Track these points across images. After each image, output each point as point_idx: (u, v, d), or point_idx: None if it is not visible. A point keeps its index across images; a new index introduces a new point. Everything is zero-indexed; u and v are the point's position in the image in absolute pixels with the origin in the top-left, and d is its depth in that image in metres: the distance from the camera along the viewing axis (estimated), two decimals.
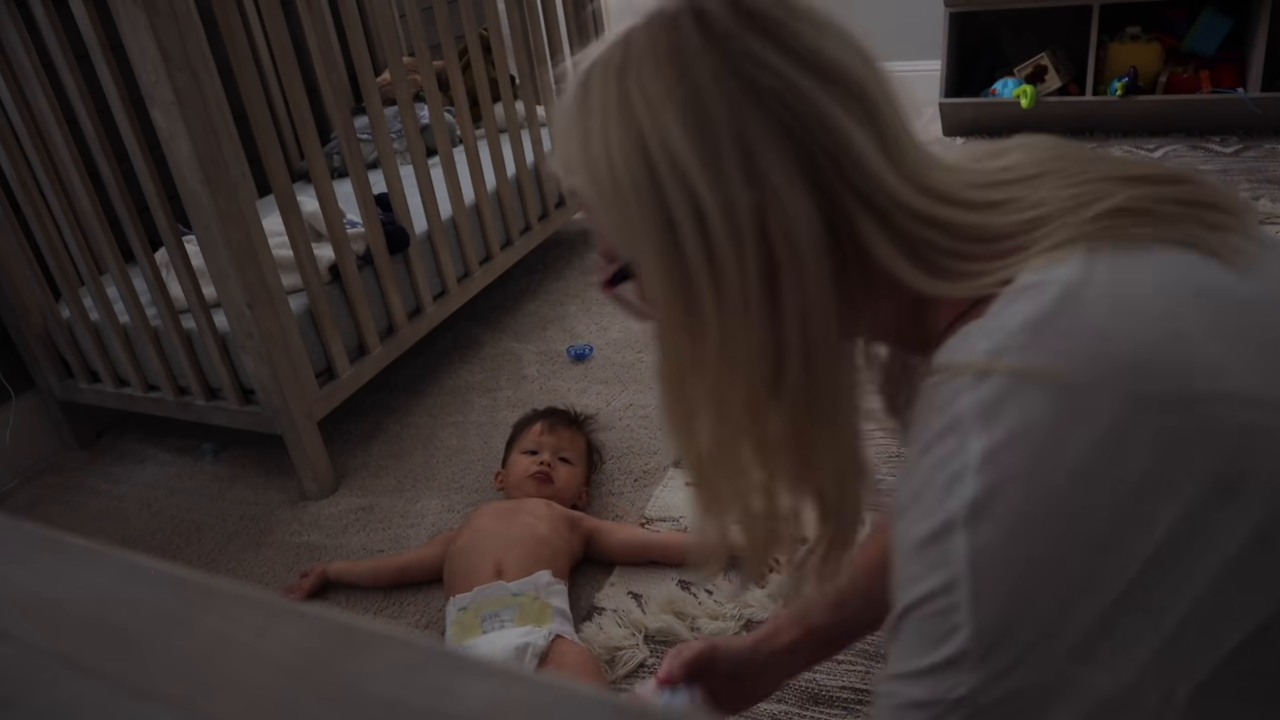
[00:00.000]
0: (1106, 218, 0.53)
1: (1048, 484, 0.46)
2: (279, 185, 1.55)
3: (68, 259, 1.80)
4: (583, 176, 0.59)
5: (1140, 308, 0.49)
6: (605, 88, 0.57)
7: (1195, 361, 0.47)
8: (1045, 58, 2.68)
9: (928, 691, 0.49)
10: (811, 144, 0.55)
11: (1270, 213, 2.13)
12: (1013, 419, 0.47)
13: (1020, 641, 0.47)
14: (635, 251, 0.59)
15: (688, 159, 0.54)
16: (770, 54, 0.55)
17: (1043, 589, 0.46)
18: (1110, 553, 0.46)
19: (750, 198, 0.55)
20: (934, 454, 0.50)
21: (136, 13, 1.29)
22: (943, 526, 0.48)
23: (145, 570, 0.31)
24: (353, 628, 0.28)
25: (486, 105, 2.10)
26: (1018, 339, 0.49)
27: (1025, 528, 0.46)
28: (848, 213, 0.56)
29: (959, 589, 0.47)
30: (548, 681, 0.25)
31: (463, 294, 2.04)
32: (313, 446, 1.65)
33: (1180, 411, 0.46)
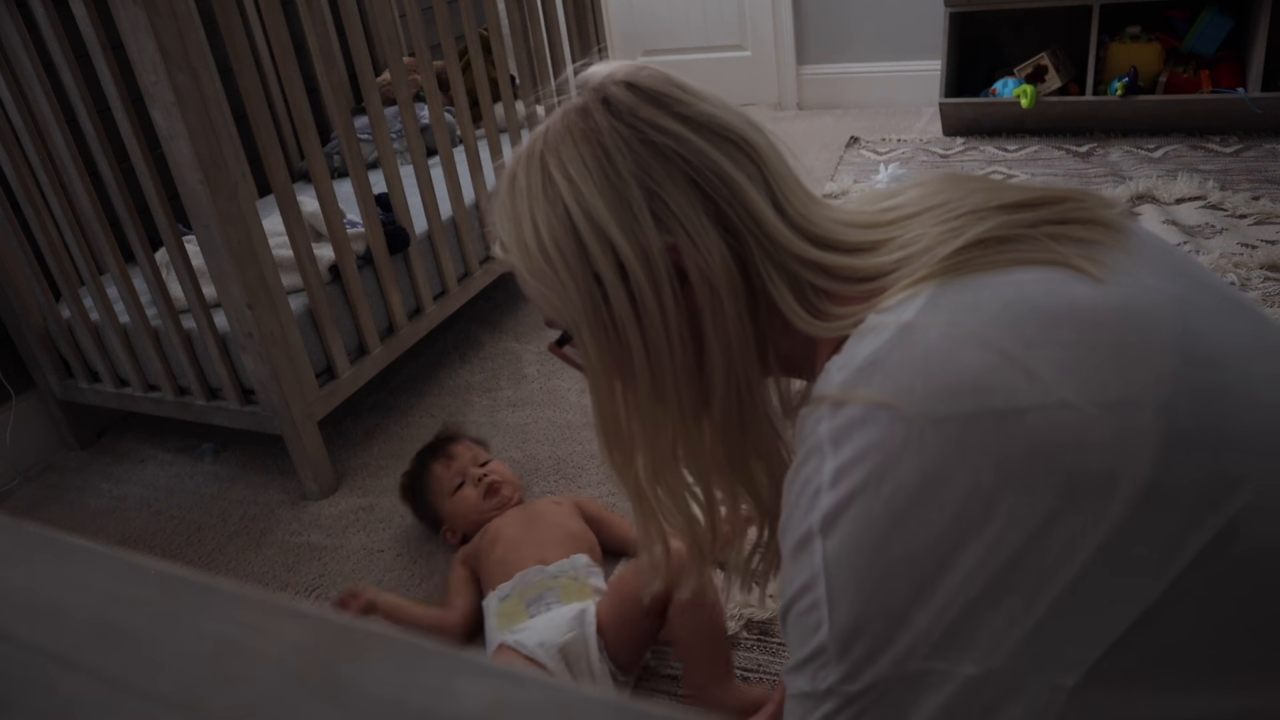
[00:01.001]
0: (966, 250, 0.59)
1: (887, 500, 0.51)
2: (279, 185, 1.55)
3: (68, 259, 1.80)
4: (516, 254, 0.68)
5: (970, 337, 0.54)
6: (530, 172, 0.66)
7: (1019, 379, 0.51)
8: (1045, 57, 2.68)
9: (806, 682, 0.56)
10: (714, 192, 0.63)
11: (1271, 212, 2.13)
12: (857, 443, 0.53)
13: (872, 636, 0.52)
14: (568, 312, 0.67)
15: (604, 217, 0.63)
16: (668, 121, 0.64)
17: (889, 590, 0.52)
18: (950, 559, 0.50)
19: (664, 242, 0.63)
20: (800, 474, 0.57)
21: (136, 12, 1.29)
22: (805, 535, 0.55)
23: (145, 570, 0.31)
24: (353, 628, 0.28)
25: (486, 105, 2.10)
26: (862, 372, 0.55)
27: (869, 537, 0.52)
28: (751, 254, 0.64)
29: (818, 589, 0.54)
30: (548, 682, 0.25)
31: (463, 294, 2.04)
32: (313, 446, 1.65)
33: (1005, 426, 0.51)
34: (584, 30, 2.45)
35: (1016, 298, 0.55)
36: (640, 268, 0.63)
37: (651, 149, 0.63)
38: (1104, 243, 0.60)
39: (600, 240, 0.63)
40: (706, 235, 0.63)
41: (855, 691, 0.53)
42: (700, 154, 0.63)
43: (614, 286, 0.64)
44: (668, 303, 0.64)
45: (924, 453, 0.51)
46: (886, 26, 3.25)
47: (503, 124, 2.39)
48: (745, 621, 1.24)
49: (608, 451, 0.72)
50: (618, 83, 0.66)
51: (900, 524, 0.51)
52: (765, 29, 3.42)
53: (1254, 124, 2.54)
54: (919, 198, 0.67)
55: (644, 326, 0.65)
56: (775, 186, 0.65)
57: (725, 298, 0.64)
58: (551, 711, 0.24)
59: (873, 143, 2.95)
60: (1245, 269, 1.91)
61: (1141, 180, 2.36)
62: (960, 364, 0.53)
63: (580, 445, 1.72)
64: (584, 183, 0.63)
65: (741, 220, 0.63)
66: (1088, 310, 0.54)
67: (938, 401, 0.52)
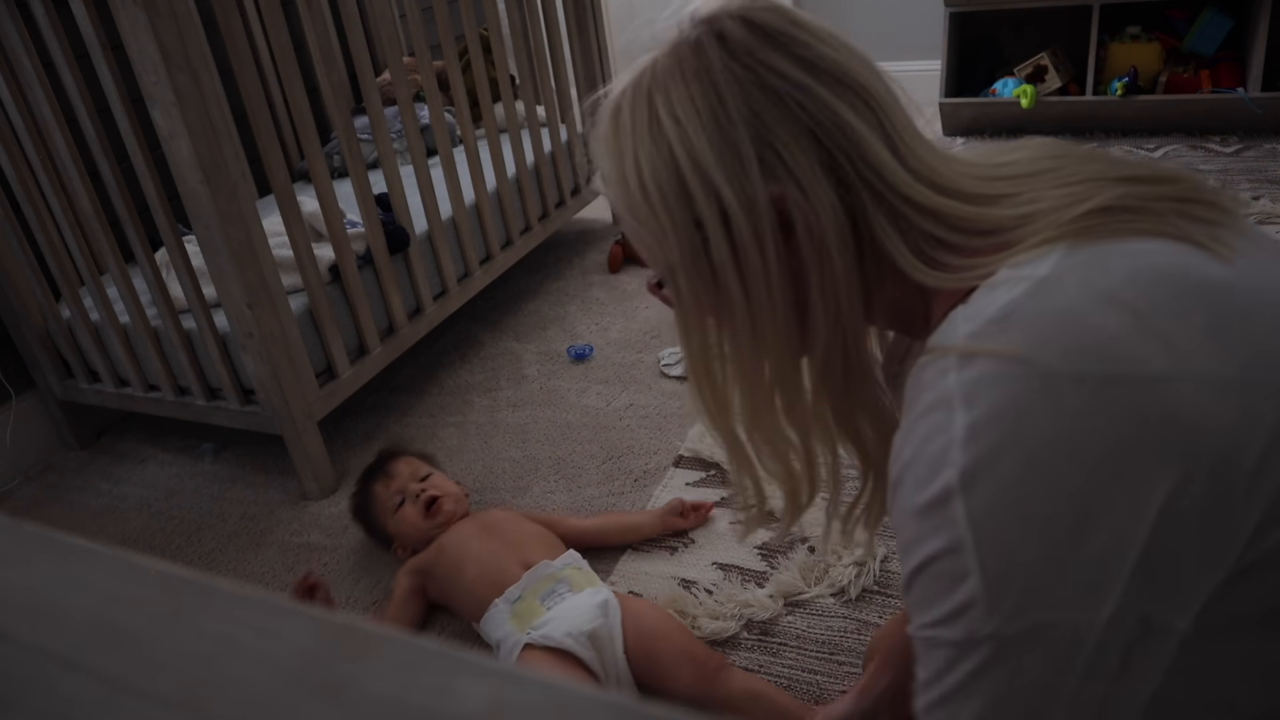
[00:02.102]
0: (1094, 215, 0.58)
1: (1027, 457, 0.51)
2: (279, 185, 1.55)
3: (68, 259, 1.80)
4: (616, 190, 0.66)
5: (1107, 297, 0.53)
6: (635, 109, 0.64)
7: (1155, 345, 0.51)
8: (1045, 57, 2.68)
9: (952, 631, 0.54)
10: (830, 143, 0.61)
11: (1270, 212, 2.13)
12: (991, 398, 0.52)
13: (1021, 587, 0.52)
14: (666, 255, 0.65)
15: (710, 164, 0.61)
16: (787, 64, 0.61)
17: (1034, 543, 0.51)
18: (1089, 514, 0.51)
19: (771, 192, 0.61)
20: (922, 428, 0.55)
21: (136, 12, 1.29)
22: (942, 494, 0.53)
23: (145, 570, 0.31)
24: (353, 628, 0.28)
25: (486, 105, 2.10)
26: (994, 325, 0.54)
27: (1011, 494, 0.51)
28: (864, 206, 0.62)
29: (963, 545, 0.52)
30: (547, 681, 0.25)
31: (463, 294, 2.04)
32: (313, 446, 1.65)
33: (1140, 391, 0.51)
34: (584, 30, 2.45)
35: (1149, 265, 0.55)
36: (744, 217, 0.62)
37: (767, 93, 0.61)
38: (1224, 224, 0.59)
39: (705, 186, 0.62)
40: (818, 187, 0.61)
41: (1011, 634, 0.52)
42: (819, 102, 0.61)
43: (716, 234, 0.62)
44: (770, 254, 0.62)
45: (1060, 410, 0.51)
46: (886, 26, 3.25)
47: (503, 124, 2.39)
48: (745, 622, 1.24)
49: (700, 396, 0.70)
50: (734, 17, 0.63)
51: (1041, 480, 0.51)
52: None
53: (1254, 124, 2.54)
54: (1033, 158, 0.66)
55: (745, 276, 0.63)
56: (895, 134, 0.63)
57: (834, 250, 0.62)
58: (551, 711, 0.24)
59: None
60: None
61: None
62: (1097, 324, 0.52)
63: (580, 445, 1.72)
64: (692, 125, 0.62)
65: (858, 170, 0.61)
66: (1218, 287, 0.54)
67: (1075, 360, 0.51)
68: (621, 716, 0.24)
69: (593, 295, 2.30)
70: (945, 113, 2.85)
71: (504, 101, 2.15)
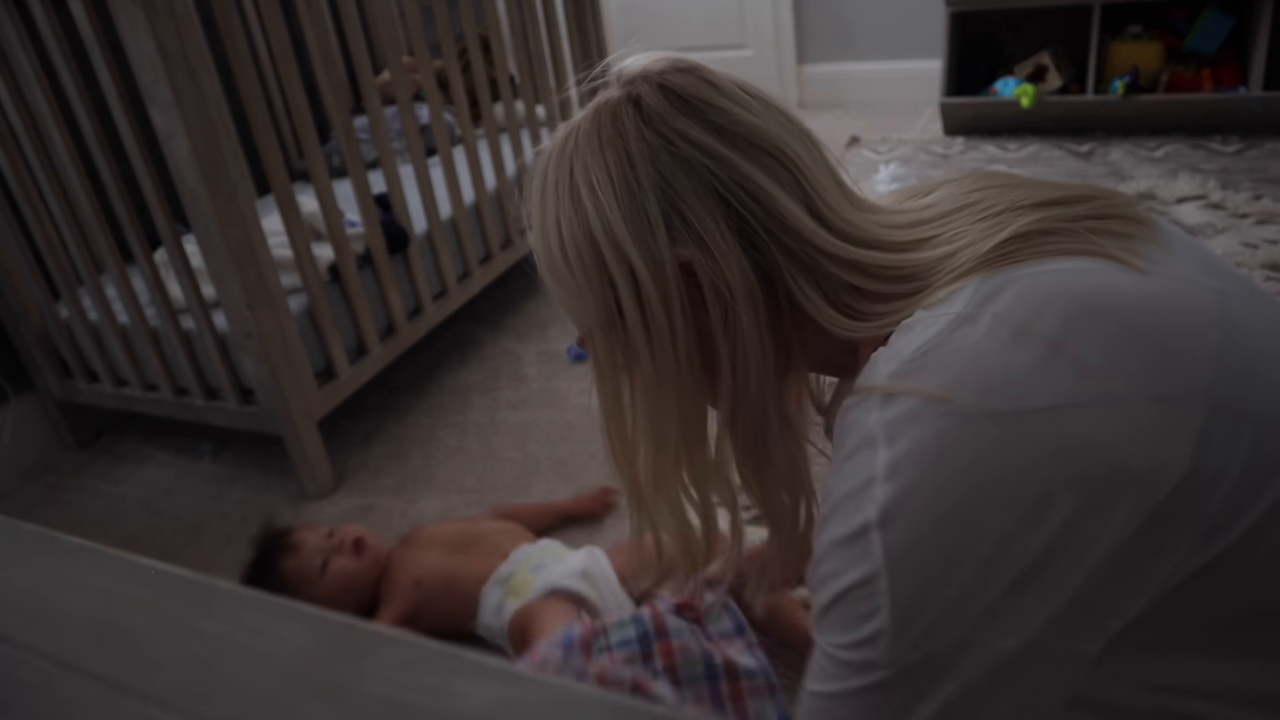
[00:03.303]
0: (1010, 244, 0.59)
1: (945, 494, 0.52)
2: (278, 185, 1.55)
3: (66, 259, 1.80)
4: (539, 249, 0.69)
5: (1020, 329, 0.54)
6: (559, 173, 0.67)
7: (1068, 372, 0.53)
8: (1046, 57, 2.68)
9: (855, 655, 0.56)
10: (740, 206, 0.63)
11: (1271, 212, 2.13)
12: (913, 436, 0.53)
13: (929, 619, 0.53)
14: (582, 313, 0.68)
15: (620, 230, 0.63)
16: (698, 131, 0.63)
17: (947, 578, 0.53)
18: (1006, 547, 0.52)
19: (678, 255, 0.63)
20: (848, 467, 0.57)
21: (135, 12, 1.29)
22: (861, 528, 0.54)
23: (145, 570, 0.31)
24: (353, 628, 0.27)
25: (486, 105, 2.10)
26: (913, 364, 0.56)
27: (928, 530, 0.53)
28: (778, 264, 0.64)
29: (877, 580, 0.54)
30: (547, 681, 0.25)
31: (463, 294, 2.04)
32: (312, 447, 1.65)
33: (1057, 422, 0.52)
34: (584, 30, 2.45)
35: (1062, 288, 0.56)
36: (651, 281, 0.64)
37: (678, 160, 0.63)
38: (1141, 236, 0.61)
39: (615, 251, 0.64)
40: (726, 249, 0.63)
41: (909, 663, 0.54)
42: (728, 166, 0.63)
43: (627, 296, 0.65)
44: (676, 316, 0.65)
45: (980, 447, 0.52)
46: (887, 25, 3.25)
47: (502, 124, 2.39)
48: None
49: (610, 449, 0.73)
50: (652, 83, 0.66)
51: (958, 517, 0.52)
52: (765, 28, 3.42)
53: (1255, 123, 2.54)
54: (954, 194, 0.68)
55: (652, 336, 0.66)
56: (814, 192, 0.65)
57: (743, 311, 0.64)
58: (551, 711, 0.24)
59: (873, 142, 2.95)
60: (1247, 268, 1.91)
61: (1143, 180, 2.36)
62: (1008, 358, 0.53)
63: (580, 445, 1.72)
64: (605, 192, 0.64)
65: (769, 231, 0.63)
66: (1132, 300, 0.55)
67: (991, 396, 0.53)
68: (621, 716, 0.24)
69: None
70: (946, 112, 2.85)
71: (504, 101, 2.15)
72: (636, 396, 0.69)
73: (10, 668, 0.28)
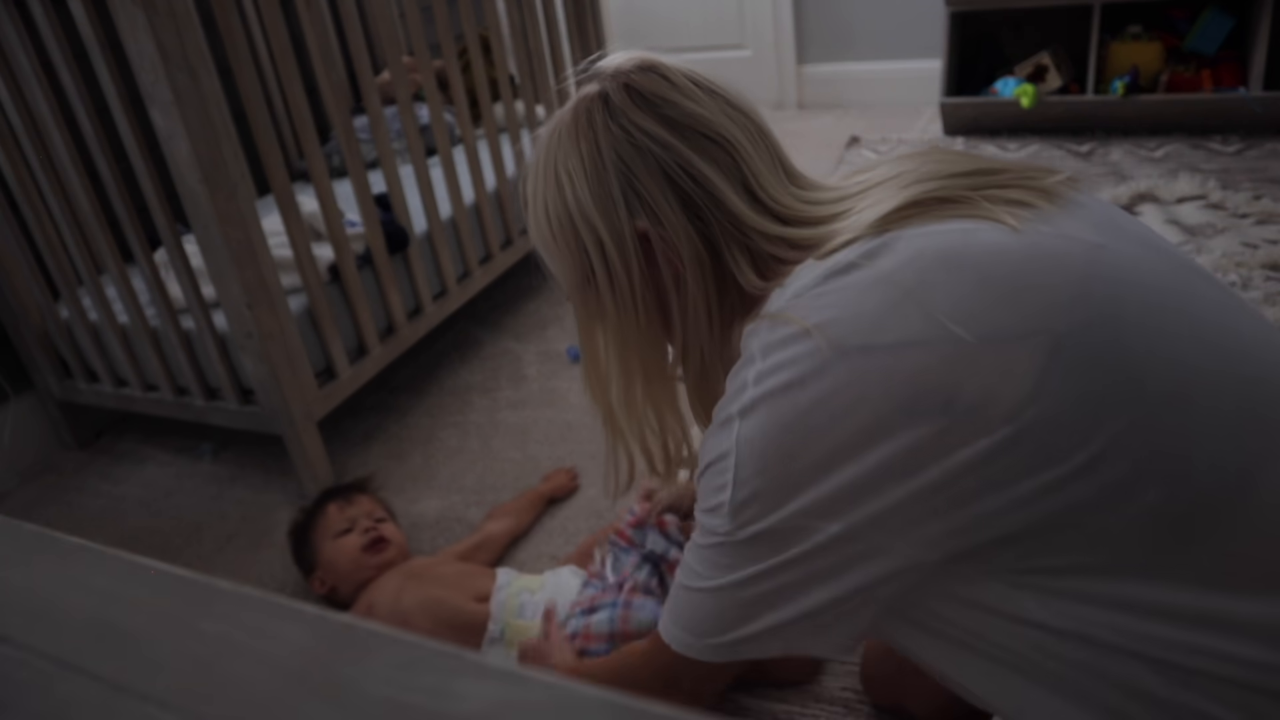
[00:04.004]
0: (907, 208, 0.69)
1: (795, 406, 0.63)
2: (278, 185, 1.55)
3: (66, 259, 1.80)
4: (531, 223, 0.84)
5: (881, 279, 0.64)
6: (546, 159, 0.80)
7: (914, 315, 0.61)
8: (1046, 57, 2.68)
9: (709, 522, 0.70)
10: (686, 186, 0.75)
11: (1272, 212, 2.13)
12: (780, 356, 0.65)
13: (761, 503, 0.65)
14: (564, 275, 0.83)
15: (590, 206, 0.77)
16: (652, 124, 0.75)
17: (783, 473, 0.64)
18: (840, 460, 0.62)
19: (635, 225, 0.76)
20: (736, 376, 0.69)
21: (135, 12, 1.29)
22: (728, 417, 0.68)
23: (145, 570, 0.31)
24: (353, 627, 0.27)
25: (486, 105, 2.10)
26: (794, 301, 0.67)
27: (774, 429, 0.64)
28: (716, 236, 0.76)
29: (728, 459, 0.67)
30: (548, 682, 0.25)
31: (462, 294, 2.04)
32: (312, 447, 1.65)
33: (898, 358, 0.61)
34: (584, 30, 2.45)
35: (929, 245, 0.65)
36: (614, 246, 0.77)
37: (637, 148, 0.75)
38: (1038, 205, 0.68)
39: (586, 224, 0.78)
40: (675, 221, 0.75)
41: (740, 539, 0.67)
42: (676, 153, 0.75)
43: (596, 260, 0.78)
44: (635, 275, 0.78)
45: (826, 373, 0.62)
46: (887, 26, 3.25)
47: (502, 124, 2.39)
48: None
49: (588, 384, 0.88)
50: (620, 83, 0.77)
51: (802, 427, 0.63)
52: (765, 28, 3.42)
53: (1255, 123, 2.54)
54: (887, 170, 0.77)
55: (616, 293, 0.79)
56: (749, 175, 0.76)
57: (689, 272, 0.76)
58: (551, 711, 0.24)
59: (873, 142, 2.95)
60: (1246, 268, 1.91)
61: (1143, 180, 2.36)
62: (867, 302, 0.63)
63: (580, 445, 1.72)
64: (578, 176, 0.77)
65: (708, 207, 0.75)
66: (993, 254, 0.64)
67: (846, 334, 0.63)
68: (621, 716, 0.24)
69: None
70: (946, 112, 2.85)
71: (504, 101, 2.15)
72: (608, 341, 0.83)
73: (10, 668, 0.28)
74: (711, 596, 0.71)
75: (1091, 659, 0.61)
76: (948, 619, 0.66)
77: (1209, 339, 0.63)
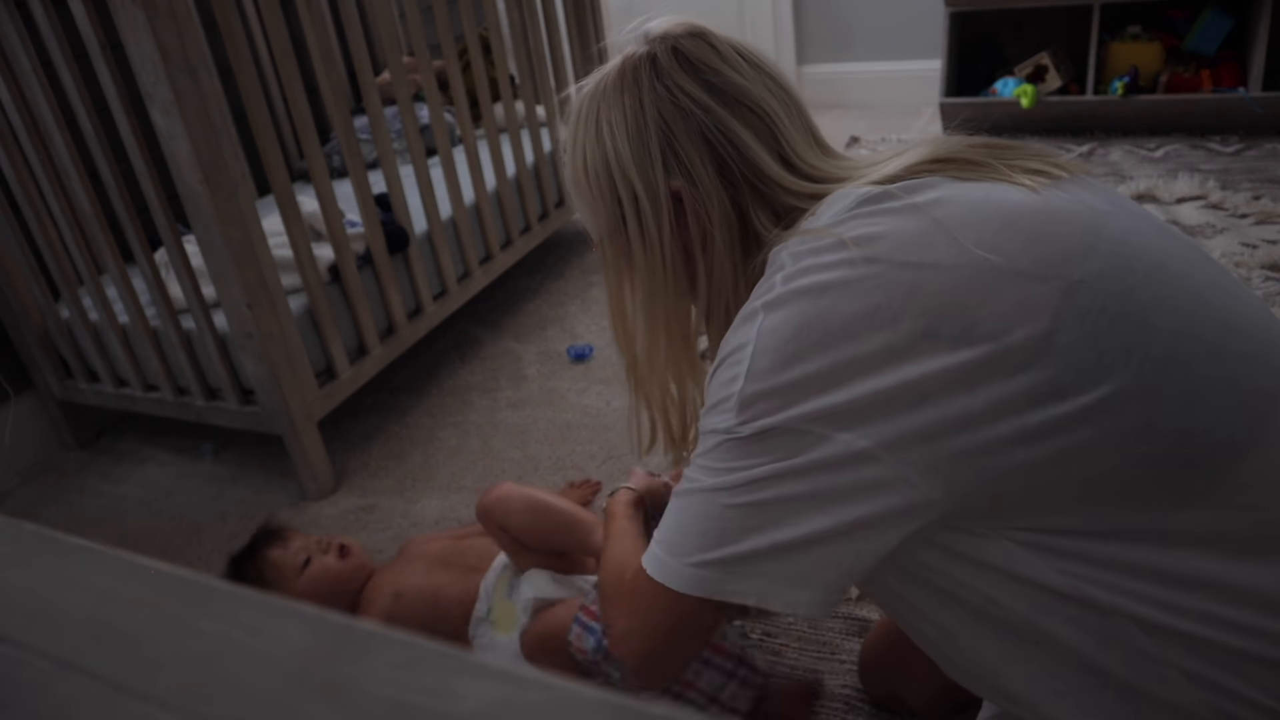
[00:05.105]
0: (924, 164, 0.73)
1: (820, 307, 0.64)
2: (279, 185, 1.55)
3: (67, 259, 1.80)
4: (569, 170, 0.85)
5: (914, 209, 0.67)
6: (588, 111, 0.82)
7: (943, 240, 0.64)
8: (1046, 57, 2.68)
9: (713, 420, 0.69)
10: (721, 149, 0.78)
11: (1271, 212, 2.13)
12: (807, 260, 0.67)
13: (771, 400, 0.65)
14: (597, 223, 0.85)
15: (628, 161, 0.79)
16: (695, 88, 0.78)
17: (798, 373, 0.64)
18: (858, 368, 0.62)
19: (669, 185, 0.78)
20: (762, 283, 0.71)
21: (135, 12, 1.29)
22: (753, 310, 0.68)
23: (145, 570, 0.31)
24: (352, 627, 0.27)
25: (486, 105, 2.10)
26: (828, 218, 0.70)
27: (796, 325, 0.65)
28: (745, 198, 0.78)
29: (745, 350, 0.67)
30: (548, 682, 0.25)
31: (463, 294, 2.04)
32: (312, 446, 1.65)
33: (923, 274, 0.63)
34: (584, 30, 2.45)
35: (955, 191, 0.68)
36: (648, 201, 0.79)
37: (679, 109, 0.78)
38: (1050, 174, 0.71)
39: (623, 177, 0.80)
40: (709, 182, 0.78)
41: (744, 434, 0.66)
42: (715, 118, 0.77)
43: (629, 212, 0.81)
44: (665, 230, 0.80)
45: (858, 287, 0.64)
46: (886, 26, 3.25)
47: (503, 124, 2.39)
48: None
49: (615, 334, 0.89)
50: (668, 44, 0.80)
51: (824, 328, 0.64)
52: (765, 28, 3.42)
53: (1255, 123, 2.54)
54: (919, 141, 0.80)
55: (647, 245, 0.81)
56: (784, 141, 0.79)
57: (717, 232, 0.79)
58: (551, 711, 0.24)
59: (873, 142, 2.95)
60: (1246, 268, 1.91)
61: (1142, 180, 2.36)
62: (900, 224, 0.66)
63: (580, 445, 1.72)
64: (619, 129, 0.80)
65: (742, 172, 0.78)
66: (1013, 205, 0.67)
67: (878, 249, 0.65)
68: (621, 716, 0.24)
69: (593, 295, 2.30)
70: (945, 113, 2.85)
71: (504, 101, 2.15)
72: (635, 293, 0.85)
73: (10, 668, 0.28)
74: (705, 499, 0.68)
75: (1085, 617, 0.63)
76: (942, 571, 0.67)
77: (1209, 311, 0.64)
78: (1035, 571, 0.63)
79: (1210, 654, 0.61)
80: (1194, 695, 0.62)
